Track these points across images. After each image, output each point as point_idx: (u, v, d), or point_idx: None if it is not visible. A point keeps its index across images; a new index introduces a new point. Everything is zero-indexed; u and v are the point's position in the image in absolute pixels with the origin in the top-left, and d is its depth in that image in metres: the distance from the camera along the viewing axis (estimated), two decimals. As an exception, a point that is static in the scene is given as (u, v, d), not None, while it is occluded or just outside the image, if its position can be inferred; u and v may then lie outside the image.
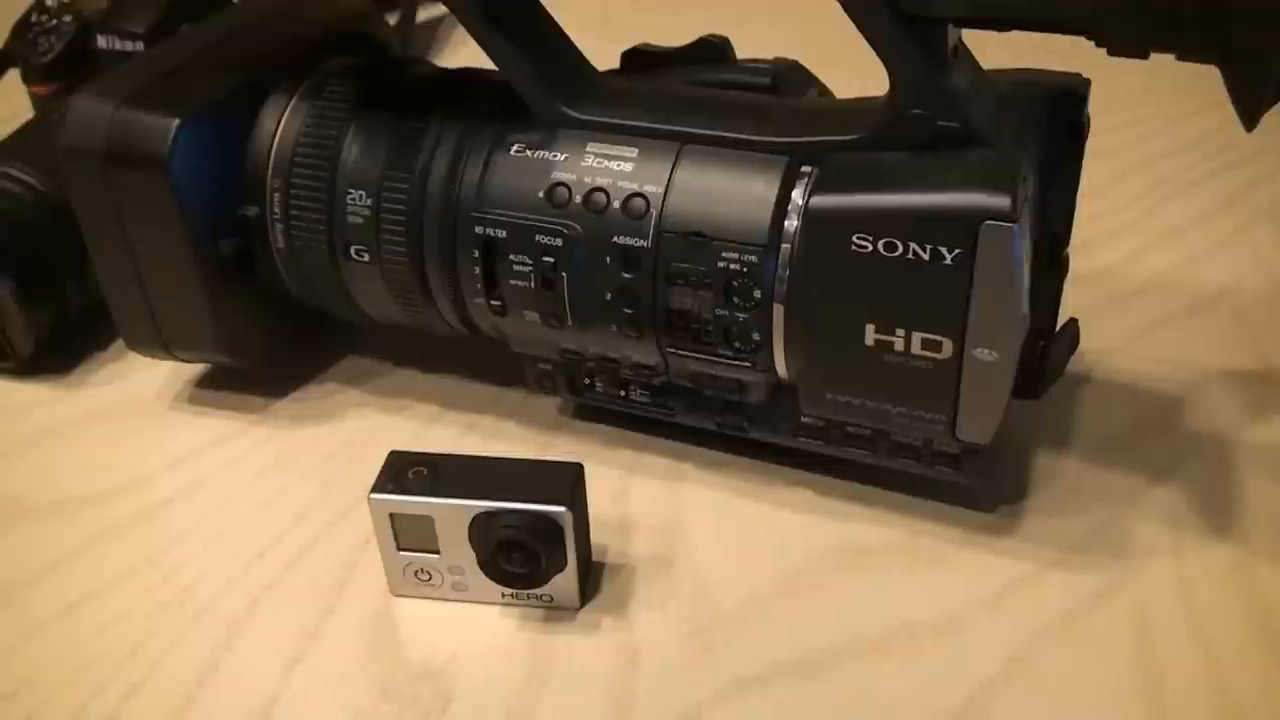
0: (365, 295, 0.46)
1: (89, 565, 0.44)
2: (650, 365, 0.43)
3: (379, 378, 0.52)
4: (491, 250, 0.42)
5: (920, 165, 0.37)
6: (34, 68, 0.62)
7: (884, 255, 0.37)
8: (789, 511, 0.44)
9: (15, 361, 0.53)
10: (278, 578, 0.43)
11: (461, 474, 0.40)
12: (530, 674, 0.39)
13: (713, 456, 0.47)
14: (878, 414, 0.40)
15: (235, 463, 0.48)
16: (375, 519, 0.40)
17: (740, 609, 0.41)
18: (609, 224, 0.41)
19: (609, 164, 0.41)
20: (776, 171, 0.39)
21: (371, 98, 0.45)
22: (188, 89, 0.45)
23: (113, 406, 0.52)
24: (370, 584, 0.42)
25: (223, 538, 0.45)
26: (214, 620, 0.42)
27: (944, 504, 0.44)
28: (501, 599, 0.41)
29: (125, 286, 0.47)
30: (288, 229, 0.45)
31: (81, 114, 0.45)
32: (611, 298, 0.41)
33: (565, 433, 0.48)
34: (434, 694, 0.39)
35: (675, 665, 0.39)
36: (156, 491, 0.47)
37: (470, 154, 0.43)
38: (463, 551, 0.40)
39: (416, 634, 0.41)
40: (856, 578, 0.42)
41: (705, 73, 0.45)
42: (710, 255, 0.39)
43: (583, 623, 0.41)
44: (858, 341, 0.39)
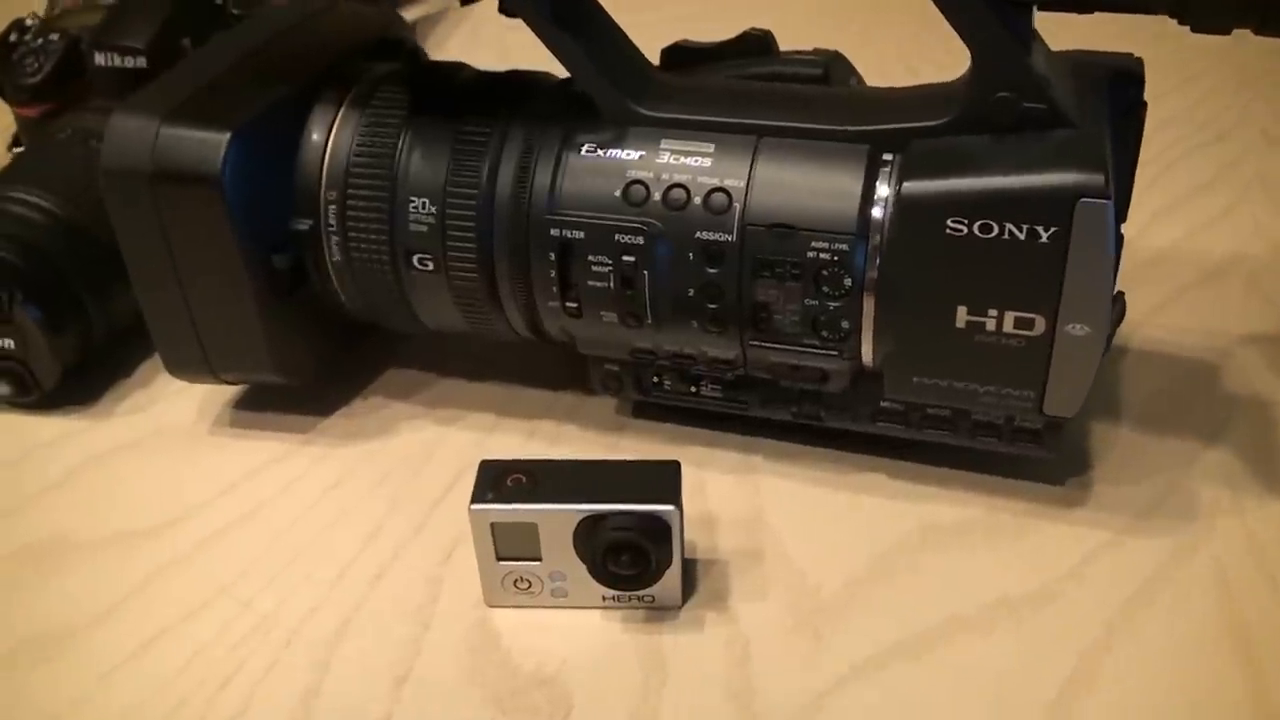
0: (426, 304, 0.45)
1: (157, 600, 0.42)
2: (728, 360, 0.43)
3: (426, 388, 0.51)
4: (568, 252, 0.42)
5: (1008, 147, 0.38)
6: (21, 89, 0.59)
7: (978, 237, 0.38)
8: (867, 496, 0.45)
9: (38, 395, 0.51)
10: (364, 597, 0.42)
11: (561, 479, 0.40)
12: (646, 675, 0.39)
13: (780, 448, 0.47)
14: (964, 394, 0.41)
15: (294, 484, 0.47)
16: (475, 530, 0.39)
17: (840, 596, 0.41)
18: (691, 220, 0.41)
19: (686, 160, 0.41)
20: (859, 160, 0.40)
21: (425, 103, 0.44)
22: (231, 102, 0.44)
23: (148, 435, 0.50)
24: (462, 596, 0.42)
25: (297, 561, 0.44)
26: (306, 645, 0.40)
27: (1014, 479, 0.45)
28: (602, 602, 0.41)
29: (169, 309, 0.45)
30: (344, 241, 0.44)
31: (123, 133, 0.43)
32: (694, 294, 0.41)
33: (628, 433, 0.48)
34: (551, 702, 0.38)
35: (788, 655, 0.39)
36: (215, 519, 0.45)
37: (539, 156, 0.42)
38: (566, 557, 0.40)
39: (520, 643, 0.40)
40: (945, 557, 0.43)
41: (754, 66, 0.46)
42: (798, 246, 0.40)
43: (686, 620, 0.41)
44: (949, 324, 0.39)
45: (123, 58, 0.56)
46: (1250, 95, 0.71)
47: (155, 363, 0.53)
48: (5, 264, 0.48)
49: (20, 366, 0.50)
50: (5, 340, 0.49)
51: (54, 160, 0.52)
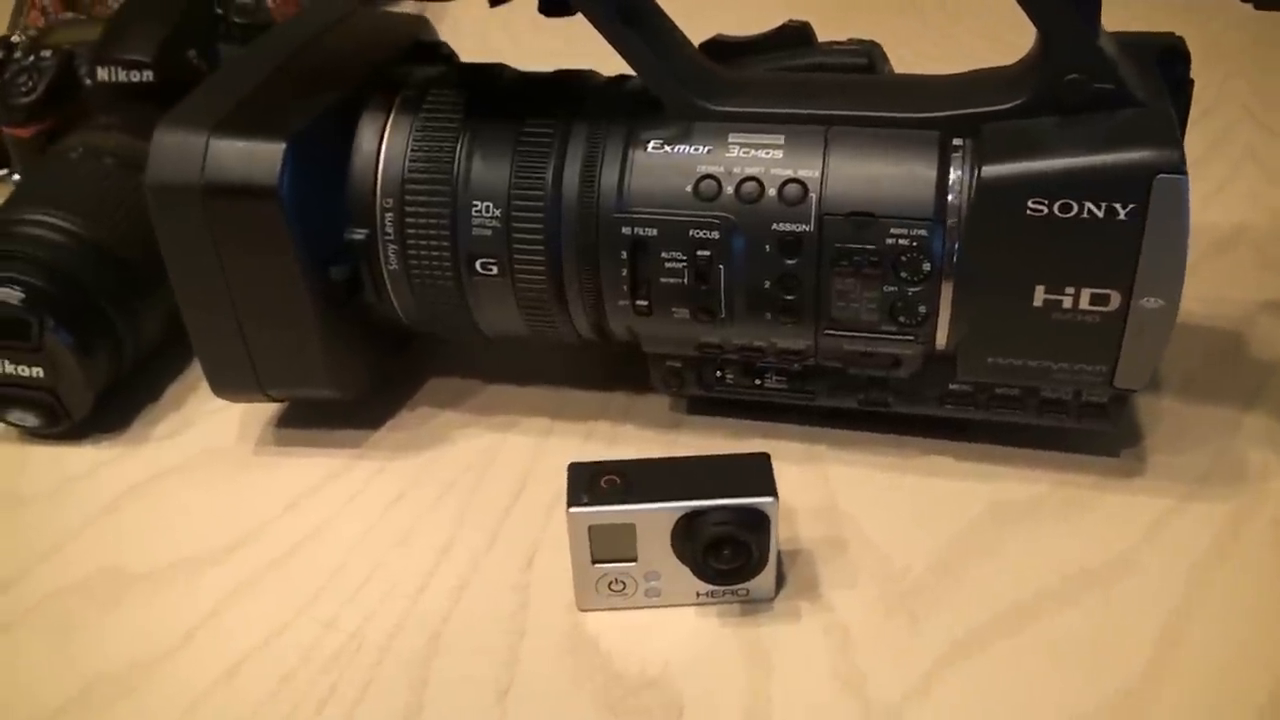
0: (488, 310, 0.44)
1: (234, 626, 0.41)
2: (798, 350, 0.43)
3: (473, 396, 0.50)
4: (640, 250, 0.42)
5: (1081, 127, 0.39)
6: (15, 109, 0.57)
7: (1058, 217, 0.38)
8: (935, 479, 0.45)
9: (67, 425, 0.49)
10: (450, 610, 0.41)
11: (654, 478, 0.39)
12: (751, 669, 0.39)
13: (841, 436, 0.47)
14: (1037, 372, 0.42)
15: (355, 499, 0.46)
16: (573, 533, 0.39)
17: (927, 577, 0.42)
18: (766, 212, 0.41)
19: (757, 153, 0.41)
20: (931, 146, 0.40)
21: (480, 106, 0.43)
22: (280, 112, 0.43)
23: (190, 459, 0.48)
24: (551, 602, 0.41)
25: (374, 577, 0.43)
26: (400, 662, 0.39)
27: (1072, 454, 0.46)
28: (696, 599, 0.41)
29: (218, 327, 0.44)
30: (403, 249, 0.43)
31: (170, 147, 0.42)
32: (770, 286, 0.41)
33: (686, 429, 0.48)
34: (662, 703, 0.38)
35: (888, 639, 0.40)
36: (280, 539, 0.44)
37: (604, 155, 0.42)
38: (662, 555, 0.39)
39: (620, 645, 0.40)
40: (1021, 533, 0.43)
41: (798, 57, 0.46)
42: (877, 234, 0.40)
43: (781, 611, 0.41)
44: (1026, 303, 0.40)
45: (127, 72, 0.54)
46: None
47: (183, 385, 0.52)
48: (32, 289, 0.46)
49: (49, 396, 0.48)
50: (33, 369, 0.47)
51: (68, 180, 0.50)
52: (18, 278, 0.47)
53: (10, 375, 0.47)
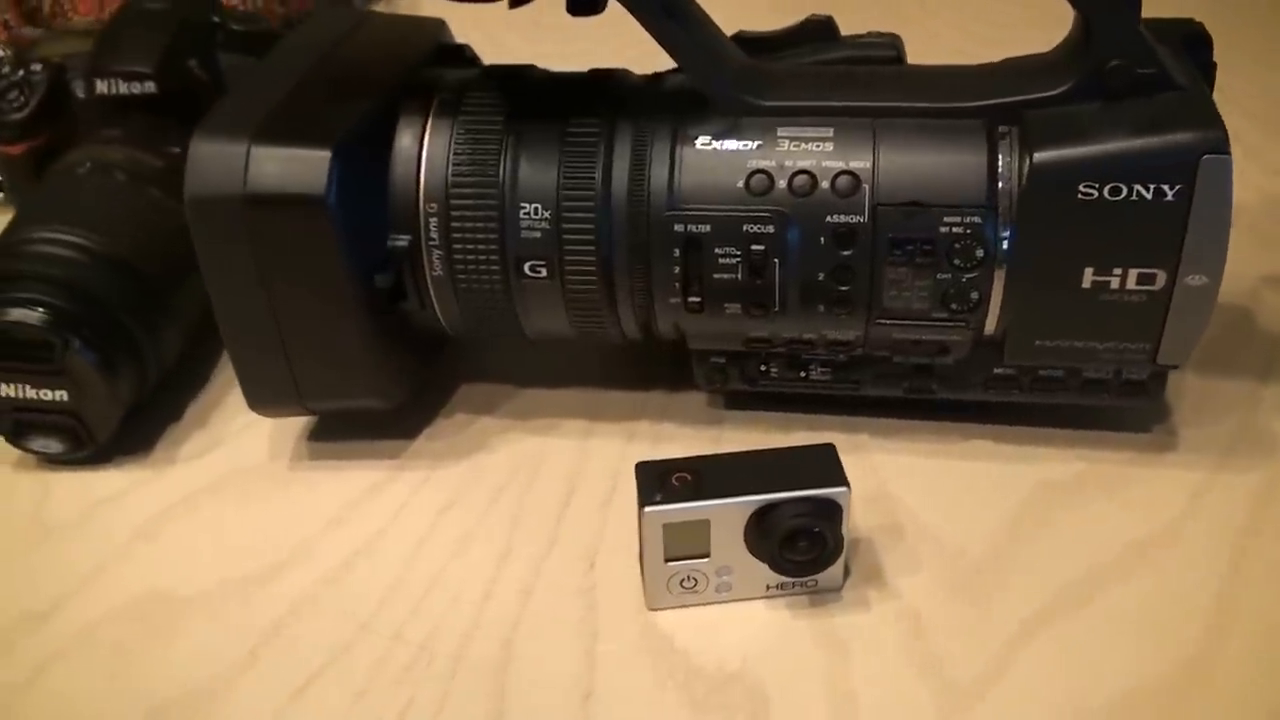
0: (535, 313, 0.44)
1: (295, 645, 0.40)
2: (847, 341, 0.44)
3: (508, 401, 0.50)
4: (693, 247, 0.42)
5: (1125, 112, 0.40)
6: (4, 126, 0.55)
7: (1107, 200, 0.39)
8: (979, 462, 0.46)
9: (91, 448, 0.47)
10: (518, 616, 0.41)
11: (724, 473, 0.39)
12: (829, 658, 0.39)
13: (880, 424, 0.48)
14: (1082, 353, 0.43)
15: (403, 511, 0.45)
16: (647, 533, 0.39)
17: (986, 559, 0.42)
18: (820, 205, 0.41)
19: (807, 146, 0.41)
20: (978, 134, 0.41)
21: (520, 107, 0.43)
22: (319, 119, 0.42)
23: (224, 478, 0.47)
24: (620, 603, 0.41)
25: (435, 588, 0.42)
26: (475, 671, 0.39)
27: (1105, 432, 0.47)
28: (766, 592, 0.41)
29: (259, 340, 0.43)
30: (448, 254, 0.43)
31: (208, 158, 0.41)
32: (824, 278, 0.42)
33: (728, 425, 0.48)
34: (747, 696, 0.38)
35: (958, 621, 0.40)
36: (331, 554, 0.43)
37: (652, 153, 0.42)
38: (735, 550, 0.39)
39: (696, 642, 0.40)
40: (1069, 511, 0.44)
41: (824, 51, 0.46)
42: (931, 223, 0.41)
43: (850, 601, 0.41)
44: (1075, 286, 0.41)
45: (128, 84, 0.52)
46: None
47: (204, 403, 0.51)
48: (54, 309, 0.45)
49: (72, 420, 0.46)
50: (56, 392, 0.46)
51: (78, 196, 0.49)
52: (36, 298, 0.45)
53: (31, 400, 0.46)
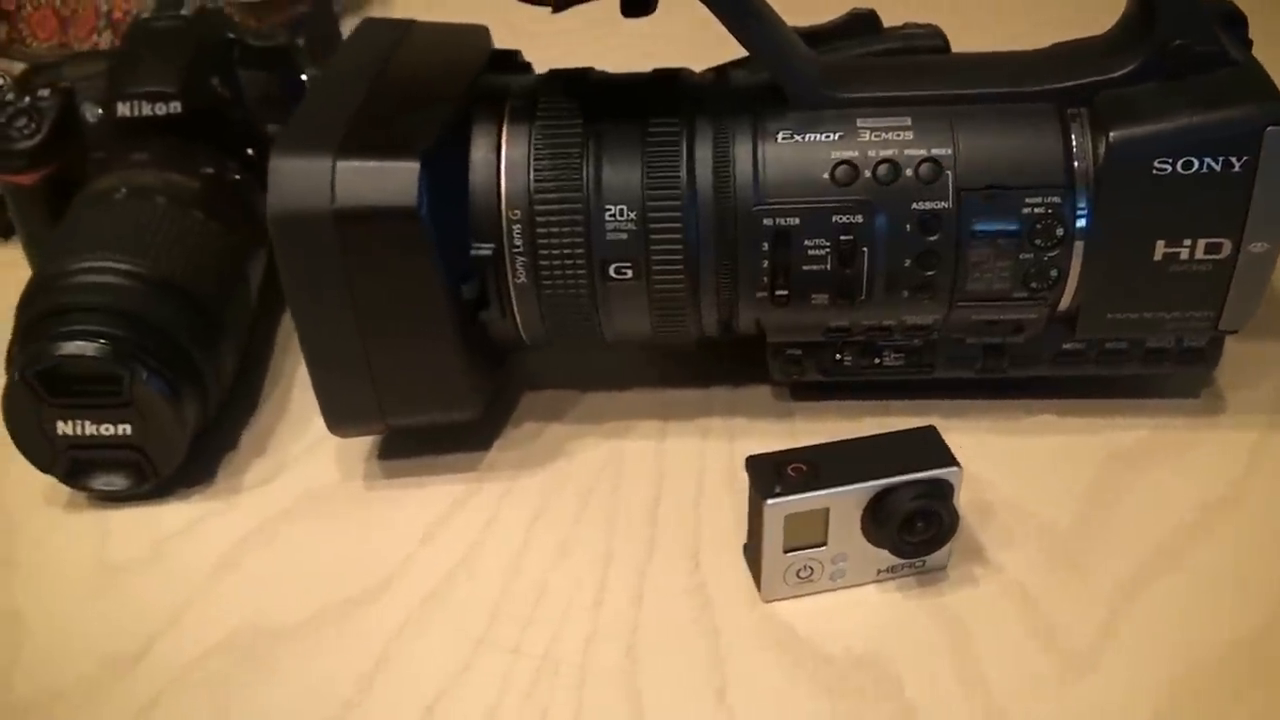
0: (618, 315, 0.44)
1: (413, 666, 0.40)
2: (926, 325, 0.44)
3: (573, 406, 0.50)
4: (782, 240, 0.42)
5: (1190, 89, 0.41)
6: (16, 154, 0.52)
7: (1180, 174, 0.41)
8: (1047, 437, 0.47)
9: (154, 483, 0.46)
10: (635, 619, 0.41)
11: (837, 462, 0.40)
12: (950, 635, 0.40)
13: (947, 406, 0.48)
14: (1150, 324, 0.44)
15: (493, 523, 0.45)
16: (769, 525, 0.39)
17: (1076, 528, 0.43)
18: (905, 192, 0.42)
19: (888, 135, 0.42)
20: (1050, 117, 0.42)
21: (596, 110, 0.43)
22: (397, 131, 0.41)
23: (297, 503, 0.46)
24: (734, 597, 0.41)
25: (544, 598, 0.42)
26: (604, 678, 0.39)
27: (1156, 400, 0.49)
28: (877, 576, 0.41)
29: (342, 358, 0.42)
30: (533, 261, 0.42)
31: (292, 174, 0.40)
32: (910, 264, 0.42)
33: (800, 415, 0.49)
34: (879, 678, 0.39)
35: (1062, 590, 0.41)
36: (429, 572, 0.43)
37: (734, 149, 0.42)
38: (851, 536, 0.40)
39: (818, 630, 0.40)
40: (1141, 477, 0.46)
41: (870, 44, 0.47)
42: (1013, 205, 0.42)
43: (957, 579, 0.42)
44: (1147, 258, 0.42)
45: (152, 105, 0.51)
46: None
47: (257, 429, 0.49)
48: (114, 339, 0.43)
49: (136, 454, 0.45)
50: (120, 426, 0.44)
51: (122, 223, 0.47)
52: (96, 329, 0.43)
53: (91, 437, 0.44)
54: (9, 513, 0.47)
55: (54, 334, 0.43)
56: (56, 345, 0.43)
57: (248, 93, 0.54)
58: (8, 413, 0.44)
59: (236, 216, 0.51)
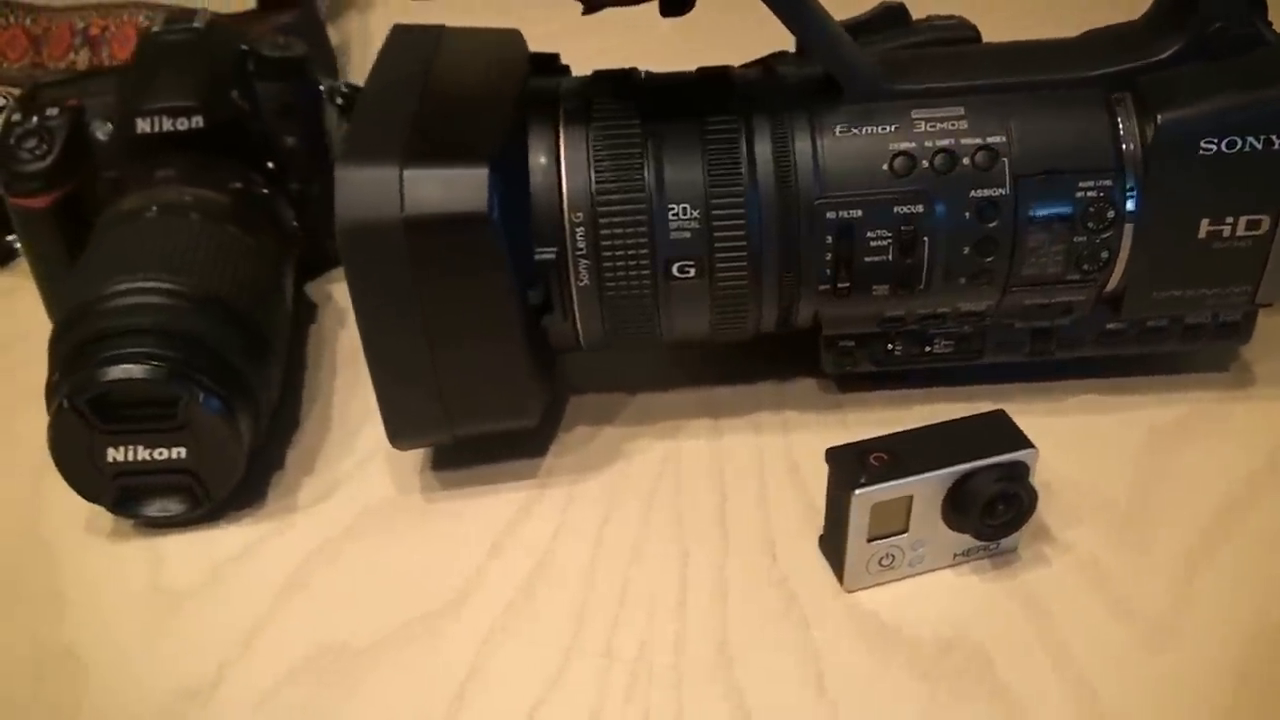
0: (679, 315, 0.44)
1: (505, 677, 0.39)
2: (979, 311, 0.45)
3: (621, 408, 0.49)
4: (845, 232, 0.42)
5: (1229, 69, 0.43)
6: (28, 178, 0.50)
7: (1224, 153, 0.42)
8: (1092, 416, 0.48)
9: (209, 506, 0.44)
10: (722, 618, 0.41)
11: (915, 449, 0.40)
12: (1032, 614, 0.40)
13: (992, 391, 0.49)
14: (1191, 301, 0.45)
15: (562, 530, 0.44)
16: (855, 514, 0.39)
17: (1134, 502, 0.44)
18: (963, 181, 0.42)
19: (943, 125, 0.42)
20: (1096, 101, 0.43)
21: (653, 110, 0.43)
22: (459, 138, 0.41)
23: (357, 520, 0.45)
24: (817, 589, 0.41)
25: (627, 601, 0.41)
26: (701, 677, 0.39)
27: (1187, 375, 0.50)
28: (953, 560, 0.42)
29: (409, 369, 0.41)
30: (596, 263, 0.42)
31: (359, 184, 0.39)
32: (969, 251, 0.43)
33: (848, 406, 0.49)
34: (970, 660, 0.39)
35: (1131, 563, 0.42)
36: (505, 581, 0.42)
37: (793, 144, 0.42)
38: (931, 522, 0.40)
39: (903, 616, 0.40)
40: (1188, 449, 0.47)
41: (901, 37, 0.48)
42: (1067, 189, 0.42)
43: (1030, 559, 0.42)
44: (1191, 237, 0.43)
45: (174, 120, 0.49)
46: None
47: (301, 448, 0.49)
48: (165, 360, 0.42)
49: (189, 478, 0.44)
50: (174, 450, 0.43)
51: (155, 241, 0.45)
52: (146, 351, 0.42)
53: (145, 462, 0.43)
54: (48, 545, 0.45)
55: (101, 359, 0.42)
56: (105, 370, 0.42)
57: (264, 105, 0.53)
58: (55, 443, 0.42)
59: (268, 231, 0.50)
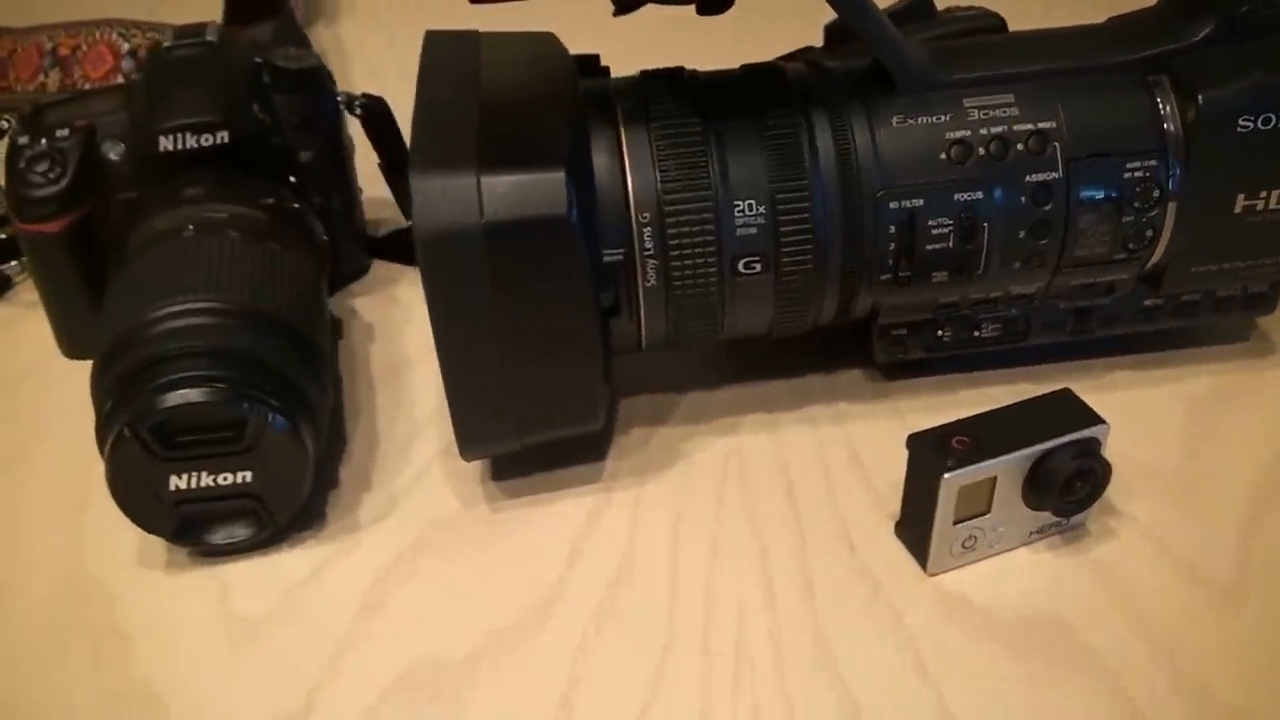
0: (742, 311, 0.44)
1: (607, 679, 0.39)
2: (1029, 294, 0.46)
3: (675, 408, 0.49)
4: (908, 221, 0.43)
5: (1260, 50, 0.44)
6: (39, 202, 0.48)
7: (1260, 130, 0.44)
8: (1130, 391, 0.50)
9: (271, 531, 0.43)
10: (813, 609, 0.41)
11: (993, 431, 0.41)
12: (1105, 583, 0.41)
13: (1031, 372, 0.50)
14: (1227, 274, 0.47)
15: (636, 532, 0.44)
16: (943, 498, 0.40)
17: (1184, 471, 0.46)
18: (1019, 166, 0.43)
19: (995, 112, 0.43)
20: (1137, 85, 0.44)
21: (711, 107, 0.43)
22: (529, 142, 0.40)
23: (425, 534, 0.44)
24: (899, 575, 0.42)
25: (715, 597, 0.41)
26: (804, 668, 0.39)
27: (1210, 346, 0.52)
28: (1028, 538, 0.43)
29: (484, 378, 0.41)
30: (664, 263, 0.42)
31: (437, 193, 0.38)
32: (1024, 235, 0.44)
33: (896, 394, 0.50)
34: (1057, 633, 0.40)
35: (1193, 529, 0.43)
36: (588, 586, 0.42)
37: (853, 136, 0.43)
38: (1011, 502, 0.41)
39: (988, 596, 0.41)
40: (1226, 417, 0.48)
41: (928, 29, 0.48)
42: (1116, 170, 0.44)
43: (1098, 532, 0.43)
44: (1229, 212, 0.45)
45: (198, 136, 0.48)
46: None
47: (351, 466, 0.48)
48: (232, 382, 0.41)
49: (253, 501, 0.42)
50: (240, 474, 0.42)
51: (200, 260, 0.44)
52: (206, 373, 0.41)
53: (210, 489, 0.42)
54: (98, 582, 0.44)
55: (159, 385, 0.40)
56: (166, 395, 0.40)
57: (283, 118, 0.52)
58: (115, 474, 0.41)
59: (304, 246, 0.49)
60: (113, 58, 0.68)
